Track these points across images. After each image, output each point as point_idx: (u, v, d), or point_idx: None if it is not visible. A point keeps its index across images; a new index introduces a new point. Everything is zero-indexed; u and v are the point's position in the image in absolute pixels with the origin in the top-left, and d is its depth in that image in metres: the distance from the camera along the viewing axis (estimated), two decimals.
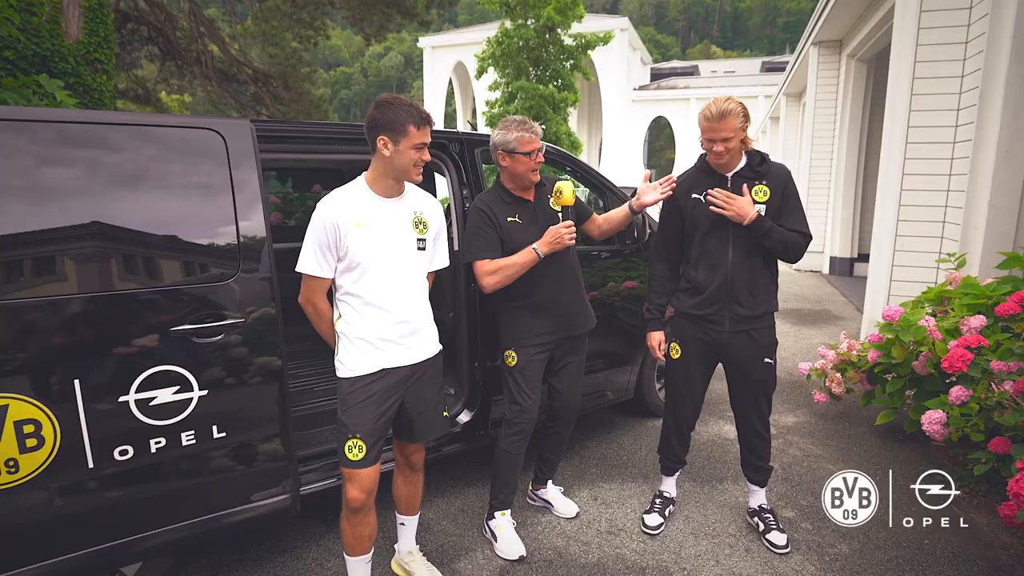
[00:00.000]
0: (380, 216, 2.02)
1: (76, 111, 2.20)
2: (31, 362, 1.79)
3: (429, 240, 2.15)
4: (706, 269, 2.46)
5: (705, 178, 2.48)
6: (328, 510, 2.78)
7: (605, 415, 3.99)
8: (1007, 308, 2.98)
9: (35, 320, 1.80)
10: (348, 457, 2.00)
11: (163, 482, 2.03)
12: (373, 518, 2.12)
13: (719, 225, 2.42)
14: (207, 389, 2.05)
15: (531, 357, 2.53)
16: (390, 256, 2.03)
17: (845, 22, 8.99)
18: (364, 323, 2.02)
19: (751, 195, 2.38)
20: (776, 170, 2.44)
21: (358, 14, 14.53)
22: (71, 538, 1.91)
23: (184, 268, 2.06)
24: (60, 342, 1.83)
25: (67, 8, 9.56)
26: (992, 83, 4.21)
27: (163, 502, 2.05)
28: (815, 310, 7.33)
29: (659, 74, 37.39)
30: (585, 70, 18.00)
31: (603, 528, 2.74)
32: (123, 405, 1.91)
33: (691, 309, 2.51)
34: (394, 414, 2.10)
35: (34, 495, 1.81)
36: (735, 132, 2.29)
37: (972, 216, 4.40)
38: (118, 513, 1.98)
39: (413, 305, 2.10)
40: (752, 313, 2.43)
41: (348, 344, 2.03)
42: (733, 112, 2.27)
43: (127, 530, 2.00)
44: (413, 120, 1.96)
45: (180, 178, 2.05)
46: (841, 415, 4.08)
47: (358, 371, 2.02)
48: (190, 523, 2.10)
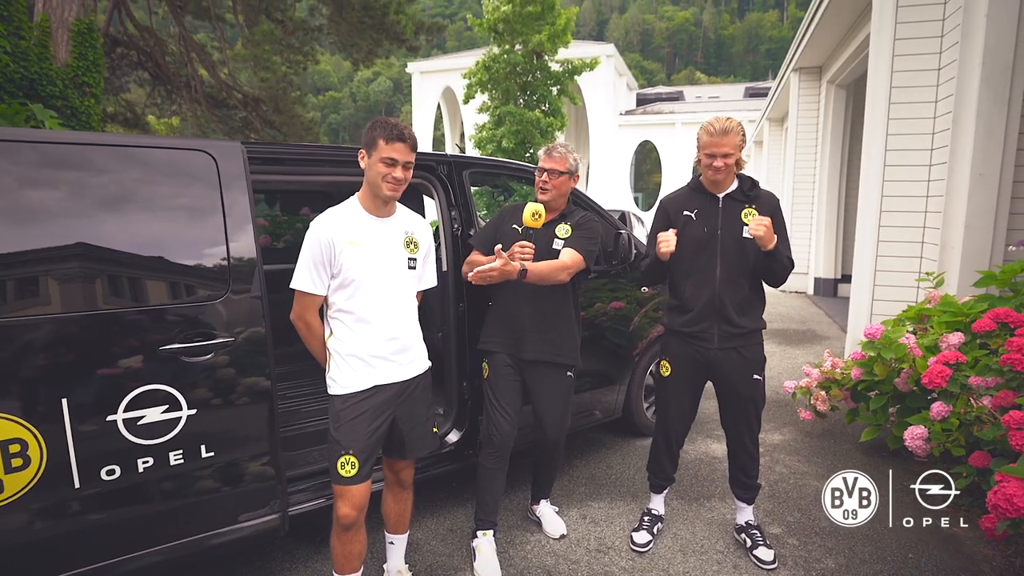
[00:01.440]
0: (372, 234, 2.06)
1: (66, 132, 2.22)
2: (17, 381, 1.79)
3: (419, 259, 2.20)
4: (694, 286, 2.51)
5: (698, 197, 2.55)
6: (316, 531, 2.76)
7: (593, 435, 4.00)
8: (983, 325, 3.05)
9: (21, 339, 1.80)
10: (341, 474, 2.00)
11: (150, 502, 2.02)
12: (363, 536, 2.12)
13: (708, 243, 2.48)
14: (196, 408, 2.05)
15: (499, 370, 2.59)
16: (382, 273, 2.06)
17: (824, 49, 9.27)
18: (356, 340, 2.04)
19: (741, 218, 2.45)
20: (765, 196, 2.51)
21: (347, 40, 14.70)
22: (55, 561, 1.89)
23: (173, 288, 2.07)
24: (47, 361, 1.83)
25: (55, 32, 9.61)
26: (964, 107, 4.37)
27: (150, 523, 2.03)
28: (800, 330, 7.42)
29: (645, 99, 38.02)
30: (572, 95, 18.31)
31: (592, 546, 2.74)
32: (111, 424, 1.91)
33: (680, 327, 2.55)
34: (386, 431, 2.11)
35: (18, 516, 1.80)
36: (735, 149, 2.38)
37: (949, 236, 4.52)
38: (104, 534, 1.96)
39: (403, 322, 2.12)
40: (740, 330, 2.48)
41: (340, 361, 2.05)
42: (735, 130, 2.38)
43: (113, 552, 1.98)
44: (383, 134, 2.02)
45: (171, 199, 2.08)
46: (826, 432, 4.12)
47: (351, 388, 2.03)
48: (177, 544, 2.08)
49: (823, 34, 8.51)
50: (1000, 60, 4.17)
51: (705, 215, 2.49)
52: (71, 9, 9.52)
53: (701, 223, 2.48)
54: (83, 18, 9.68)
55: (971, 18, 4.30)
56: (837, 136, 9.64)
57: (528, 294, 2.54)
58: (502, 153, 16.48)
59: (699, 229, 2.47)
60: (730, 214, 2.46)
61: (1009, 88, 4.18)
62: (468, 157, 3.18)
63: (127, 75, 17.85)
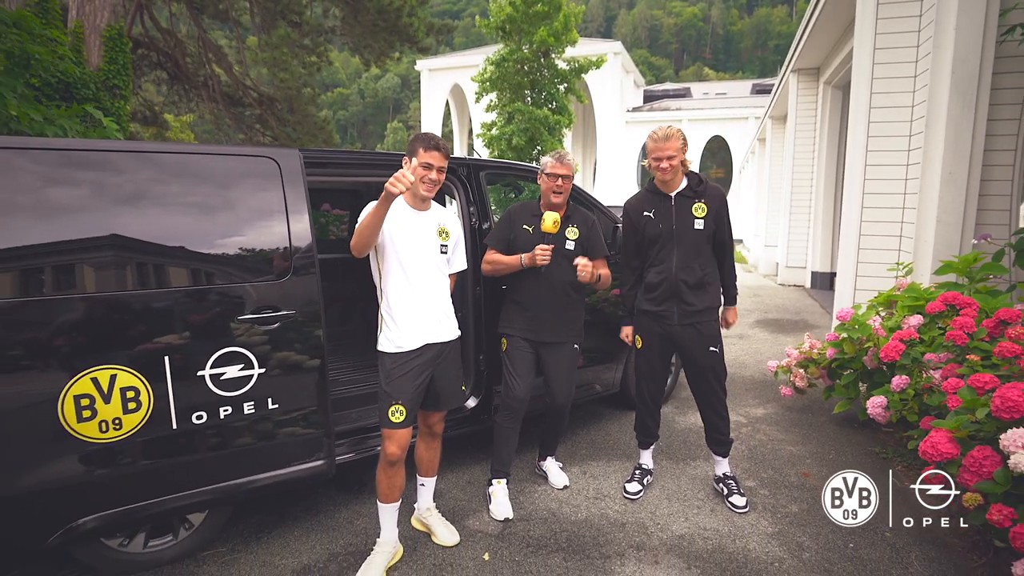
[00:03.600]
0: (411, 222, 2.55)
1: (172, 143, 2.68)
2: (133, 342, 2.26)
3: (450, 246, 2.67)
4: (656, 273, 2.97)
5: (654, 198, 3.02)
6: (353, 481, 3.22)
7: (594, 407, 4.46)
8: (935, 307, 3.47)
9: (137, 309, 2.28)
10: (391, 420, 2.47)
11: (228, 443, 2.48)
12: (403, 472, 2.59)
13: (665, 237, 2.94)
14: (265, 368, 2.51)
15: (517, 345, 3.02)
16: (419, 251, 2.54)
17: (821, 51, 9.63)
18: (404, 309, 2.52)
19: (692, 211, 2.90)
20: (712, 191, 2.97)
21: (360, 41, 15.17)
22: (156, 487, 2.36)
23: (248, 270, 2.53)
24: (155, 327, 2.30)
25: (88, 37, 10.12)
26: (936, 112, 4.77)
27: (228, 460, 2.50)
28: (793, 320, 7.83)
29: (652, 96, 38.30)
30: (579, 93, 18.67)
31: (590, 495, 3.19)
32: (200, 378, 2.38)
33: (647, 306, 3.03)
34: (426, 386, 2.58)
35: (133, 447, 2.27)
36: (677, 151, 2.83)
37: (923, 231, 4.93)
38: (192, 468, 2.43)
39: (439, 296, 2.61)
40: (695, 308, 2.93)
41: (392, 325, 2.52)
42: (675, 135, 2.84)
43: (198, 482, 2.45)
44: (423, 144, 2.50)
45: (245, 198, 2.55)
46: (806, 408, 4.55)
47: (404, 347, 2.51)
48: (247, 479, 2.55)
49: (819, 37, 8.89)
50: (968, 69, 4.57)
51: (661, 213, 2.95)
52: (103, 16, 10.02)
53: (658, 220, 2.94)
54: (114, 24, 10.16)
55: (942, 31, 4.69)
56: (834, 136, 10.01)
57: (548, 288, 3.00)
58: (512, 150, 16.88)
59: (657, 226, 2.94)
60: (682, 210, 2.92)
61: (976, 95, 4.57)
62: (484, 160, 3.63)
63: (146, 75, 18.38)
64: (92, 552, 2.43)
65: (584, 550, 2.69)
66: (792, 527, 2.86)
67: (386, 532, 2.59)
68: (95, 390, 2.18)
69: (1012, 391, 2.42)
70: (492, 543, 2.75)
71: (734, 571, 2.53)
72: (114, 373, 2.21)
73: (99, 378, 2.18)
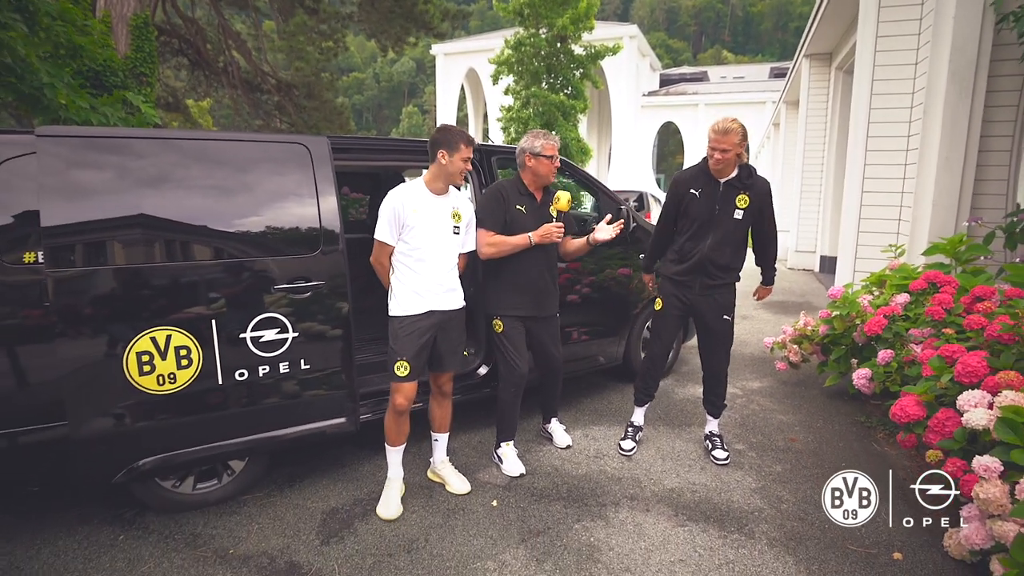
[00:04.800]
0: (429, 206, 2.82)
1: (215, 131, 2.98)
2: (186, 306, 2.58)
3: (462, 227, 2.95)
4: (690, 248, 3.23)
5: (704, 179, 3.20)
6: (374, 440, 3.54)
7: (598, 379, 4.74)
8: (917, 285, 3.69)
9: (189, 279, 2.59)
10: (397, 374, 2.79)
11: (266, 399, 2.80)
12: (408, 421, 2.94)
13: (706, 218, 3.17)
14: (298, 332, 2.82)
15: (513, 324, 3.24)
16: (434, 234, 2.82)
17: (832, 37, 9.68)
18: (414, 278, 2.81)
19: (735, 201, 3.13)
20: (759, 184, 3.18)
21: (377, 27, 15.39)
22: (204, 434, 2.69)
23: (284, 245, 2.83)
24: (204, 293, 2.62)
25: (116, 26, 10.46)
26: (934, 99, 4.93)
27: (265, 414, 2.82)
28: (798, 302, 8.02)
29: (668, 80, 38.03)
30: (595, 78, 18.70)
31: (591, 454, 3.48)
32: (242, 340, 2.69)
33: (673, 275, 3.30)
34: (430, 347, 2.88)
35: (184, 400, 2.60)
36: (733, 147, 3.03)
37: (919, 214, 5.12)
38: (235, 419, 2.75)
39: (447, 269, 2.89)
40: (717, 282, 3.21)
41: (401, 292, 2.82)
42: (735, 131, 3.02)
43: (240, 432, 2.78)
44: (464, 140, 2.79)
45: (280, 180, 2.84)
46: (800, 382, 4.79)
47: (410, 312, 2.81)
48: (281, 432, 2.87)
49: (830, 23, 8.95)
50: (966, 57, 4.72)
51: (707, 195, 3.16)
52: (129, 5, 10.35)
53: (703, 201, 3.16)
54: (139, 13, 10.49)
55: (941, 20, 4.84)
56: (844, 121, 10.02)
57: (547, 264, 3.25)
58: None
59: (701, 206, 3.17)
60: (727, 198, 3.14)
61: (973, 82, 4.73)
62: (494, 146, 3.89)
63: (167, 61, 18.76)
64: (149, 491, 2.78)
65: (583, 499, 2.99)
66: (774, 484, 3.13)
67: (393, 470, 2.97)
68: (154, 348, 2.50)
69: (972, 358, 2.66)
70: (500, 493, 3.06)
71: (717, 518, 2.81)
72: (169, 334, 2.53)
73: (157, 337, 2.50)
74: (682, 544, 2.61)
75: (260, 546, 2.62)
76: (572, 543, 2.62)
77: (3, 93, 3.86)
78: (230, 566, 2.48)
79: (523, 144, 3.21)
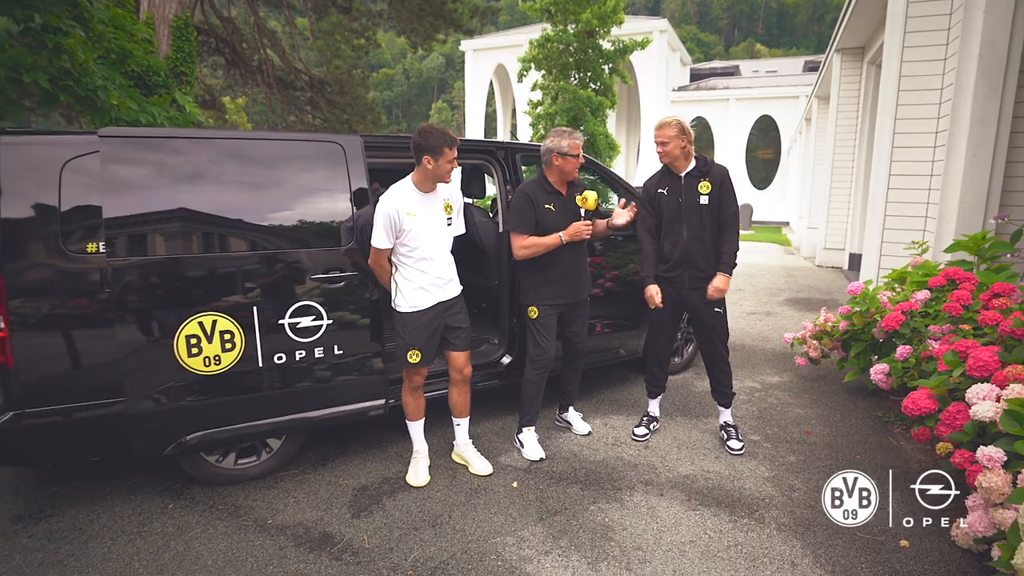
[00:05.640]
0: (423, 206, 2.95)
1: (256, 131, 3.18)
2: (231, 293, 2.79)
3: (455, 217, 3.11)
4: (670, 244, 3.38)
5: (667, 177, 3.40)
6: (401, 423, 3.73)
7: (618, 371, 4.85)
8: (937, 281, 3.72)
9: (234, 268, 2.80)
10: (410, 361, 3.01)
11: (302, 381, 3.00)
12: (423, 397, 3.18)
13: (676, 211, 3.33)
14: (332, 319, 3.01)
15: (547, 312, 3.40)
16: (431, 232, 2.97)
17: (864, 30, 9.54)
18: (418, 275, 2.98)
19: (698, 189, 3.28)
20: (716, 169, 3.35)
21: (407, 25, 15.62)
22: (245, 413, 2.91)
23: (319, 238, 3.02)
24: (247, 283, 2.82)
25: (158, 27, 10.88)
26: (962, 95, 4.90)
27: (301, 396, 3.02)
28: (823, 300, 7.98)
29: (699, 74, 37.55)
30: (623, 73, 18.61)
31: (609, 441, 3.61)
32: (281, 326, 2.90)
33: (663, 273, 3.42)
34: (440, 333, 3.07)
35: (229, 380, 2.81)
36: (671, 139, 3.25)
37: (945, 211, 5.09)
38: (273, 399, 2.96)
39: (446, 263, 3.07)
40: (704, 274, 3.31)
41: (409, 289, 2.98)
42: (669, 124, 3.25)
43: (278, 412, 2.98)
44: (447, 143, 2.89)
45: (316, 177, 3.03)
46: (819, 377, 4.83)
47: (418, 307, 3.00)
48: (316, 413, 3.07)
49: (861, 16, 8.83)
50: (996, 53, 4.68)
51: (673, 191, 3.34)
52: (171, 7, 10.74)
53: (670, 197, 3.35)
54: (180, 15, 10.88)
55: (971, 15, 4.81)
56: (875, 116, 9.92)
57: (577, 256, 3.42)
58: None
59: (670, 201, 3.33)
60: (690, 187, 3.30)
61: (1003, 79, 4.69)
62: (519, 144, 4.03)
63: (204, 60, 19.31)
64: (195, 465, 3.00)
65: (599, 483, 3.12)
66: (787, 473, 3.22)
67: (418, 443, 3.24)
68: (201, 332, 2.72)
69: (984, 353, 2.71)
70: (520, 475, 3.21)
71: (729, 504, 2.92)
72: (215, 319, 2.74)
73: (204, 322, 2.72)
74: (693, 526, 2.73)
75: (296, 517, 2.82)
76: (587, 522, 2.76)
77: (63, 95, 4.14)
78: (269, 534, 2.69)
79: (549, 143, 3.34)
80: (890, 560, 2.49)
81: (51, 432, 2.63)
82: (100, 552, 2.56)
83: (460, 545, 2.60)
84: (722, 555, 2.52)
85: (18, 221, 2.51)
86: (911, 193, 5.62)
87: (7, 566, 2.47)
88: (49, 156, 2.58)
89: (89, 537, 2.67)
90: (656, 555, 2.52)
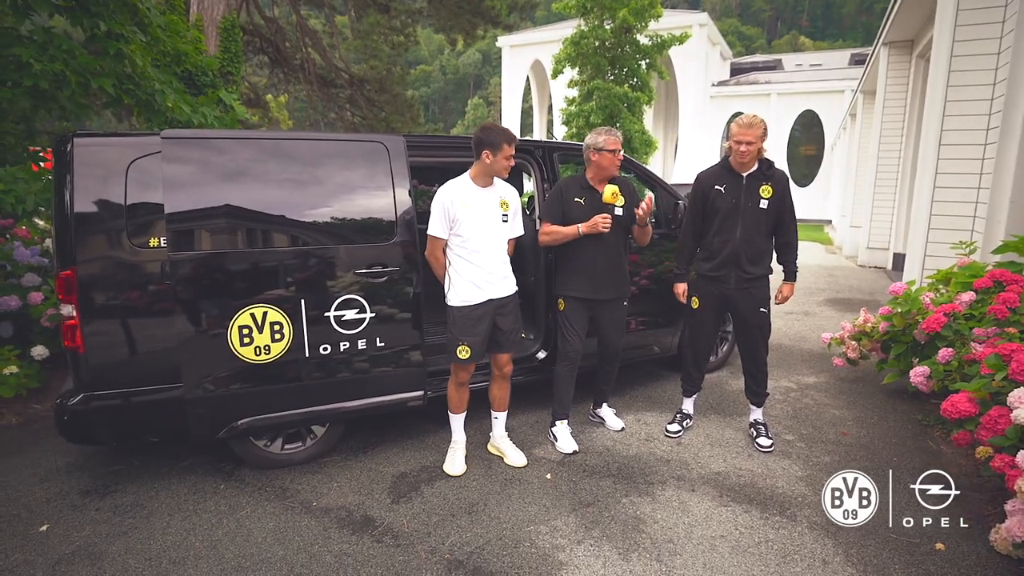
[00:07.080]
0: (478, 199, 3.06)
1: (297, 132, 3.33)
2: (280, 287, 2.93)
3: (510, 216, 3.18)
4: (720, 243, 3.35)
5: (726, 174, 3.35)
6: (439, 414, 3.85)
7: (653, 368, 4.88)
8: (982, 283, 3.64)
9: (282, 263, 2.95)
10: (460, 357, 3.09)
11: (346, 372, 3.13)
12: (468, 392, 3.27)
13: (732, 211, 3.29)
14: (375, 313, 3.14)
15: (573, 305, 3.47)
16: (483, 224, 3.06)
17: (913, 23, 9.26)
18: (471, 269, 3.07)
19: (759, 192, 3.25)
20: (779, 175, 3.31)
21: (446, 22, 15.79)
22: (292, 401, 3.06)
23: (363, 234, 3.15)
24: (295, 276, 2.97)
25: (207, 29, 11.27)
26: (1017, 90, 4.74)
27: (345, 385, 3.16)
28: (864, 300, 7.81)
29: (739, 69, 36.80)
30: (661, 69, 18.38)
31: (642, 437, 3.66)
32: (326, 318, 3.03)
33: (707, 271, 3.40)
34: (489, 331, 3.14)
35: (277, 369, 2.96)
36: (756, 139, 3.19)
37: (994, 211, 4.95)
38: (318, 388, 3.10)
39: (500, 259, 3.15)
40: (751, 275, 3.30)
41: (460, 283, 3.08)
42: (758, 125, 3.20)
43: (323, 400, 3.12)
44: (507, 140, 3.00)
45: (362, 175, 3.15)
46: (858, 379, 4.77)
47: (469, 301, 3.08)
48: (360, 402, 3.20)
49: (909, 9, 8.57)
50: None
51: (732, 190, 3.30)
52: (219, 9, 11.13)
53: (728, 196, 3.30)
54: (228, 16, 11.25)
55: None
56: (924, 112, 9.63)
57: (604, 251, 3.43)
58: (590, 128, 17.01)
59: (727, 200, 3.29)
60: (751, 189, 3.26)
61: None
62: (556, 143, 4.09)
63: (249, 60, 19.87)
64: (245, 449, 3.17)
65: (632, 477, 3.18)
66: (820, 473, 3.21)
67: (457, 434, 3.34)
68: (252, 322, 2.87)
69: None
70: (554, 467, 3.29)
71: (760, 501, 2.94)
72: (265, 311, 2.89)
73: (255, 313, 2.87)
74: (724, 522, 2.76)
75: (339, 501, 2.96)
76: (619, 515, 2.82)
77: (126, 98, 4.38)
78: (314, 516, 2.83)
79: (587, 141, 3.43)
80: (924, 562, 2.48)
81: (116, 414, 2.83)
82: (160, 526, 2.74)
83: (495, 532, 2.69)
84: (752, 550, 2.55)
85: (89, 216, 2.71)
86: (959, 192, 5.47)
87: (79, 535, 2.67)
88: (116, 157, 2.77)
89: (150, 512, 2.86)
90: (687, 548, 2.57)
